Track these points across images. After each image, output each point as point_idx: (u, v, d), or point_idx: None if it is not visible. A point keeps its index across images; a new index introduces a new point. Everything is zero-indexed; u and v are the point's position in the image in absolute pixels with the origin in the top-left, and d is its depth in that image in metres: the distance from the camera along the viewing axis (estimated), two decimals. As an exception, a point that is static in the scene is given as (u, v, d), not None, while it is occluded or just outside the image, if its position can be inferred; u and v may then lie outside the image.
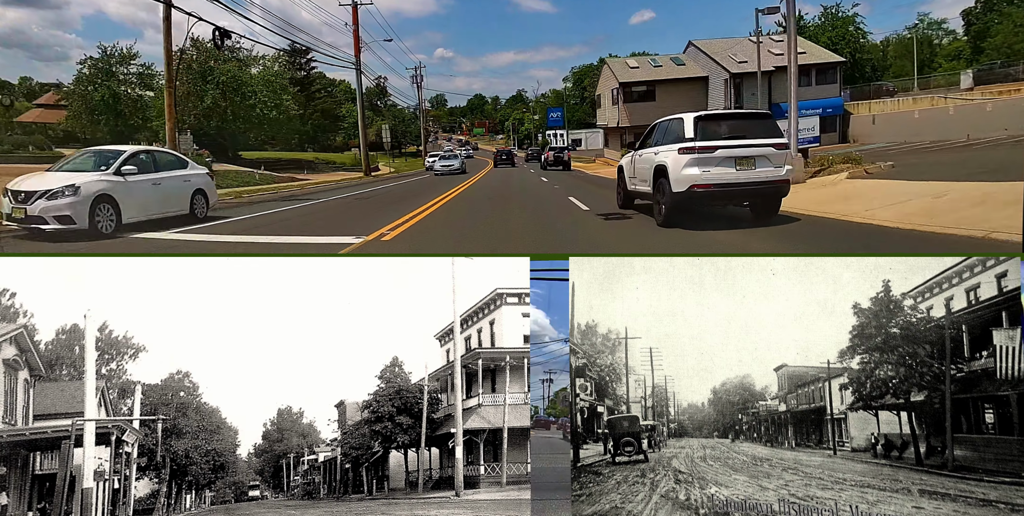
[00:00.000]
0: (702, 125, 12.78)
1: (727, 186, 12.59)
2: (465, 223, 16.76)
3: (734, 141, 12.64)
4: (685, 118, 13.10)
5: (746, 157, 12.58)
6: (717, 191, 12.59)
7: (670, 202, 12.99)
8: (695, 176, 12.47)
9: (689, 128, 12.79)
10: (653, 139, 14.53)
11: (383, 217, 16.91)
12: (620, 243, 12.66)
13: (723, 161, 12.50)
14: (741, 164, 12.57)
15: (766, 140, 12.74)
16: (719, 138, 12.64)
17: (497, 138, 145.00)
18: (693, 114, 13.16)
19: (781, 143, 13.06)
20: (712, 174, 12.45)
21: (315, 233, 15.01)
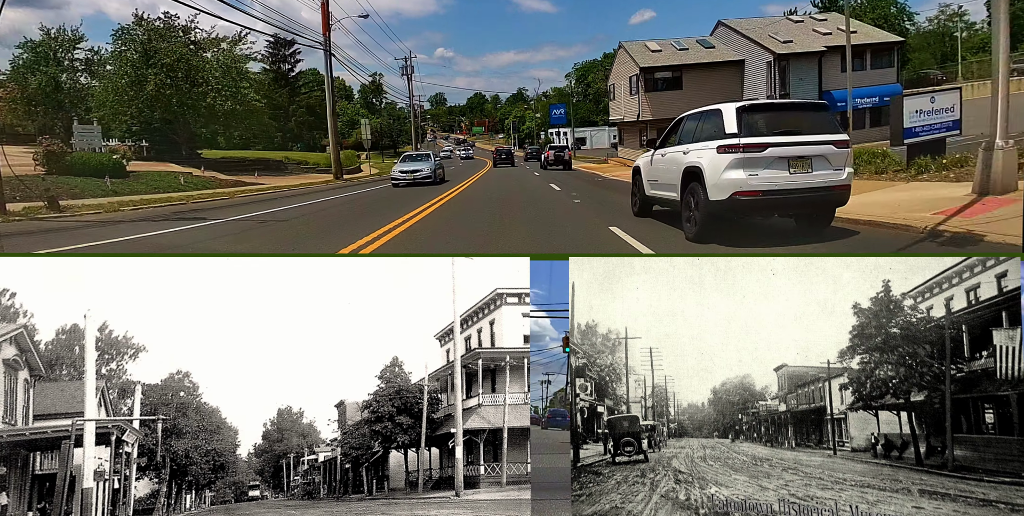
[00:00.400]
0: (747, 117, 10.57)
1: (778, 193, 10.38)
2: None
3: (787, 137, 10.49)
4: (725, 109, 10.91)
5: (801, 157, 10.42)
6: (765, 199, 10.41)
7: (705, 212, 10.84)
8: (739, 181, 10.28)
9: (731, 121, 10.58)
10: (680, 135, 12.48)
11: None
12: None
13: (773, 162, 10.32)
14: (796, 166, 10.40)
15: (825, 136, 10.61)
16: (768, 133, 10.47)
17: (497, 137, 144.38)
18: (734, 103, 10.99)
19: (842, 140, 10.78)
20: (760, 178, 10.28)
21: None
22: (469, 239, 14.47)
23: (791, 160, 10.42)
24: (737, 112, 10.63)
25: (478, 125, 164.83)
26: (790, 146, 10.44)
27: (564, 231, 14.73)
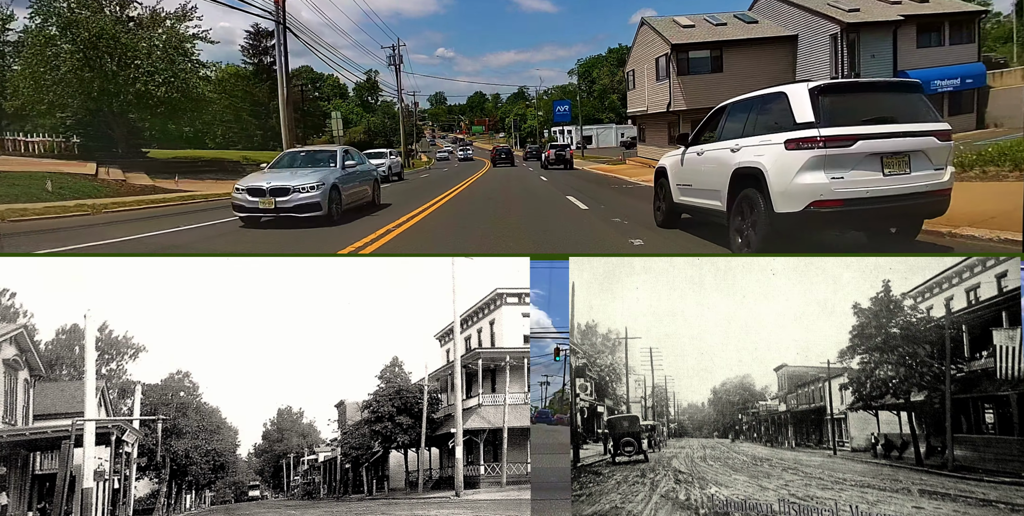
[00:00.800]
0: (824, 101, 8.15)
1: (869, 203, 7.99)
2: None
3: (880, 127, 8.08)
4: (792, 91, 8.55)
5: (897, 153, 8.04)
6: (853, 211, 8.03)
7: (768, 229, 8.37)
8: (818, 186, 7.90)
9: (802, 106, 8.21)
10: (724, 128, 10.13)
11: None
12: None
13: (863, 161, 7.95)
14: (891, 165, 8.01)
15: (923, 125, 8.29)
16: (855, 122, 8.06)
17: (498, 136, 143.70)
18: (804, 84, 8.54)
19: (944, 130, 8.43)
20: (847, 182, 7.90)
21: None
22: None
23: (884, 157, 7.99)
24: (811, 94, 8.21)
25: (478, 124, 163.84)
26: (884, 138, 8.01)
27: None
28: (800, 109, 8.26)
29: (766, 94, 9.30)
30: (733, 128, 9.78)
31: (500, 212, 18.69)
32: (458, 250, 13.96)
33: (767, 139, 8.60)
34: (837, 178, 7.91)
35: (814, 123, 8.04)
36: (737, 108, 10.03)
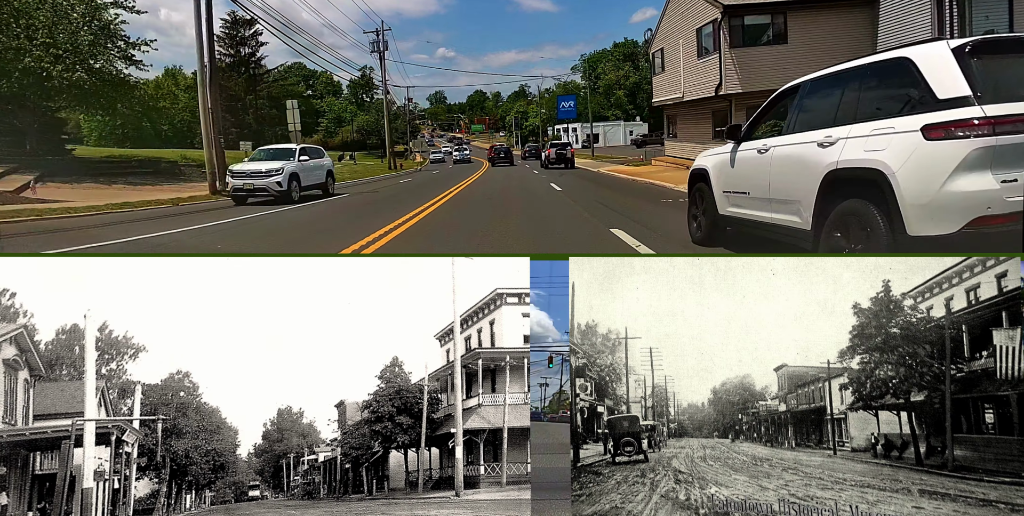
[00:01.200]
0: (980, 66, 5.56)
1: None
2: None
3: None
4: (922, 53, 5.99)
5: None
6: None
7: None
8: (984, 195, 5.41)
9: (947, 74, 5.63)
10: (798, 115, 7.79)
11: None
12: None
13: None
14: None
15: None
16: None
17: (498, 135, 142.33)
18: (942, 42, 5.90)
19: None
20: (1021, 185, 5.34)
21: None
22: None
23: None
24: (957, 56, 5.62)
25: (478, 123, 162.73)
26: None
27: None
28: (941, 79, 5.64)
29: (874, 63, 6.66)
30: (818, 114, 7.36)
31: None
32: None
33: (887, 125, 6.06)
34: (1009, 180, 5.32)
35: (968, 98, 5.40)
36: (821, 86, 7.60)
